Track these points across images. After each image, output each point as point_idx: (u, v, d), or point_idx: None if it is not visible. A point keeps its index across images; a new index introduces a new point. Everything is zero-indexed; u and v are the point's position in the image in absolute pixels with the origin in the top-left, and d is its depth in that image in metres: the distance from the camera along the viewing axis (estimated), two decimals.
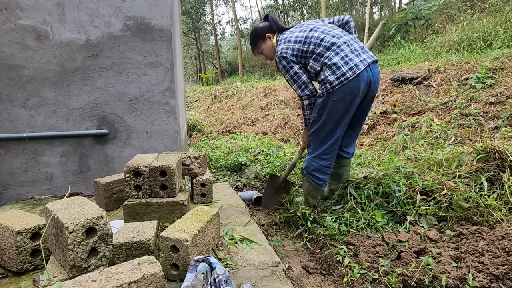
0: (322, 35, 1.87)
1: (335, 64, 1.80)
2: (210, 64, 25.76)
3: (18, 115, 2.25)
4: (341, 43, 1.83)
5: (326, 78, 1.82)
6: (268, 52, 2.13)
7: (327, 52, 1.84)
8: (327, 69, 1.82)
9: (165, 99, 2.44)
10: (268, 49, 2.12)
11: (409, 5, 10.48)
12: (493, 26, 6.28)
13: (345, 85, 1.79)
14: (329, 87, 1.82)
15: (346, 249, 1.64)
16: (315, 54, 1.87)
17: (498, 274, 1.24)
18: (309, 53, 1.90)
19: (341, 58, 1.81)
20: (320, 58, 1.86)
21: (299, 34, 1.93)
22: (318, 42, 1.87)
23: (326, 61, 1.83)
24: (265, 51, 2.14)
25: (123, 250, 1.12)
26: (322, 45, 1.86)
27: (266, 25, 2.09)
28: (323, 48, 1.86)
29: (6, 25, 2.16)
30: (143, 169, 1.53)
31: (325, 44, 1.86)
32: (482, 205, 1.70)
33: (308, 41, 1.90)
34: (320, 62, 1.86)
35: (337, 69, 1.80)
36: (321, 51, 1.86)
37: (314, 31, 1.91)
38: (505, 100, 3.64)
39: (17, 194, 2.30)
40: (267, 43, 2.11)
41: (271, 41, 2.09)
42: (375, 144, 3.93)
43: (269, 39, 2.10)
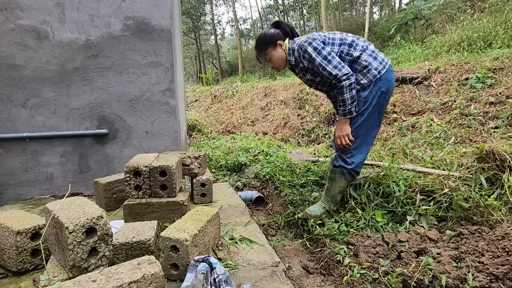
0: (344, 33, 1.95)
1: (373, 51, 1.85)
2: (210, 64, 25.76)
3: (18, 115, 2.25)
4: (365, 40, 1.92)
5: (370, 64, 1.81)
6: (277, 60, 2.00)
7: (360, 42, 1.88)
8: (368, 56, 1.83)
9: (165, 99, 2.44)
10: (279, 57, 1.99)
11: (409, 5, 10.48)
12: (493, 26, 6.28)
13: (388, 73, 1.83)
14: (376, 73, 1.80)
15: (346, 249, 1.64)
16: (349, 42, 1.87)
17: (498, 274, 1.24)
18: (337, 40, 1.87)
19: (374, 48, 1.89)
20: (356, 46, 1.86)
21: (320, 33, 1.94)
22: (345, 34, 1.93)
23: (365, 48, 1.85)
24: (274, 58, 2.00)
25: (123, 250, 1.12)
26: (350, 36, 1.91)
27: (278, 32, 1.99)
28: (354, 37, 1.90)
29: (6, 25, 2.16)
30: (143, 169, 1.52)
31: (353, 36, 1.91)
32: (482, 205, 1.70)
33: (333, 33, 1.93)
34: (357, 49, 1.85)
35: (377, 56, 1.85)
36: (353, 41, 1.88)
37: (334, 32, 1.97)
38: (505, 100, 3.64)
39: (17, 194, 2.30)
40: (278, 50, 1.98)
41: (282, 48, 1.97)
42: (375, 144, 3.93)
43: (280, 47, 1.98)
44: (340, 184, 1.98)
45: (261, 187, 2.94)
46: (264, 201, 2.67)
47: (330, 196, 2.02)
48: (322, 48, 1.81)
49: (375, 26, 14.85)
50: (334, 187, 2.00)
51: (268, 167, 3.11)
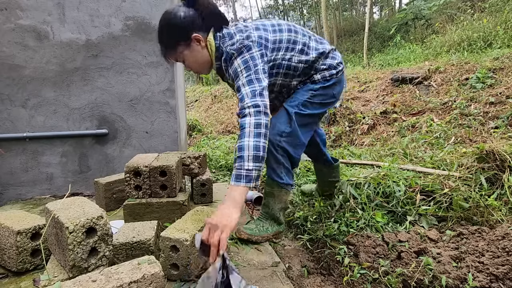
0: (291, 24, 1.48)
1: (329, 52, 1.51)
2: None
3: (18, 115, 2.25)
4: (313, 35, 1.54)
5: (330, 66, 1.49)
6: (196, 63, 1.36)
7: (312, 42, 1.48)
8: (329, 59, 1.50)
9: (165, 99, 2.44)
10: (197, 58, 1.33)
11: (409, 5, 10.49)
12: (493, 26, 6.28)
13: (341, 75, 1.53)
14: (334, 72, 1.49)
15: (346, 249, 1.64)
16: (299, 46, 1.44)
17: (498, 274, 1.24)
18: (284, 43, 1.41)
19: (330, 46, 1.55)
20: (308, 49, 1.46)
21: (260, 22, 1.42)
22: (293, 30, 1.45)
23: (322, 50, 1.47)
24: (189, 60, 1.34)
25: (123, 250, 1.12)
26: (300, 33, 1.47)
27: (191, 16, 1.25)
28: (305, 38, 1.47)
29: (6, 25, 2.16)
30: (143, 169, 1.53)
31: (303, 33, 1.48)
32: (482, 205, 1.70)
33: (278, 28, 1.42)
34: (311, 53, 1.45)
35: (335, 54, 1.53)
36: (305, 41, 1.46)
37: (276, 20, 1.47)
38: (505, 100, 3.64)
39: (17, 194, 2.30)
40: (193, 48, 1.30)
41: (200, 44, 1.29)
42: (375, 144, 3.93)
43: (195, 42, 1.28)
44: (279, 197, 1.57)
45: (261, 187, 2.94)
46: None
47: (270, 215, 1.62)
48: (254, 65, 1.23)
49: (375, 26, 14.85)
50: (273, 203, 1.58)
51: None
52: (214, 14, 1.28)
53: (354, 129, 4.77)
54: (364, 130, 4.60)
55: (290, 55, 1.41)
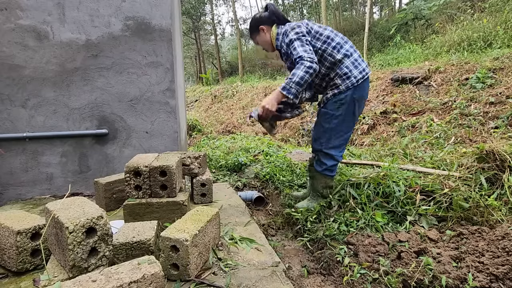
0: (334, 31, 1.96)
1: (356, 60, 1.90)
2: (210, 64, 25.75)
3: (18, 115, 2.25)
4: (351, 44, 1.96)
5: (350, 72, 1.87)
6: (263, 43, 2.08)
7: (346, 45, 1.91)
8: (350, 63, 1.88)
9: (165, 99, 2.44)
10: (263, 40, 2.06)
11: (409, 5, 10.49)
12: (493, 26, 6.28)
13: (365, 82, 1.90)
14: (354, 81, 1.87)
15: (346, 249, 1.64)
16: (335, 42, 1.88)
17: (498, 274, 1.24)
18: (324, 36, 1.89)
19: (359, 56, 1.94)
20: (340, 49, 1.88)
21: (309, 22, 1.97)
22: (334, 33, 1.93)
23: (348, 53, 1.88)
24: (260, 41, 2.09)
25: (123, 250, 1.12)
26: (339, 37, 1.93)
27: (264, 15, 2.02)
28: (341, 40, 1.91)
29: (6, 25, 2.16)
30: (143, 169, 1.53)
31: (342, 37, 1.93)
32: (482, 205, 1.70)
33: (323, 28, 1.94)
34: (341, 52, 1.88)
35: (359, 65, 1.89)
36: (340, 41, 1.90)
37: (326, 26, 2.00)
38: (505, 100, 3.64)
39: (17, 194, 2.30)
40: (261, 35, 2.04)
41: (265, 32, 2.01)
42: (375, 144, 3.93)
43: (262, 31, 2.02)
44: (321, 181, 2.10)
45: (261, 187, 2.94)
46: (264, 201, 2.67)
47: (315, 192, 2.15)
48: (303, 36, 1.83)
49: (375, 26, 14.85)
50: (317, 184, 2.12)
51: (268, 167, 3.11)
52: (278, 15, 2.01)
53: (354, 129, 4.77)
54: (364, 130, 4.60)
55: (325, 47, 1.89)
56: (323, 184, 2.13)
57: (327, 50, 1.88)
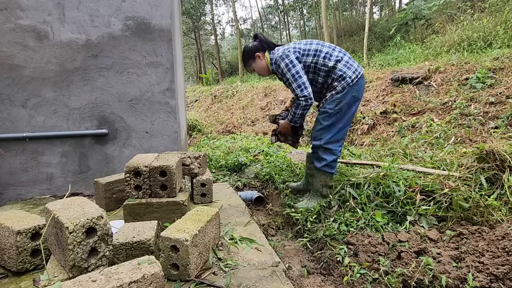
0: (321, 42, 2.13)
1: (347, 62, 2.04)
2: (210, 64, 25.75)
3: (18, 115, 2.25)
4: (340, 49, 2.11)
5: (345, 73, 2.01)
6: (259, 69, 2.25)
7: (335, 52, 2.06)
8: (343, 66, 2.02)
9: (165, 99, 2.44)
10: (260, 67, 2.23)
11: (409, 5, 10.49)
12: (493, 26, 6.28)
13: (360, 80, 2.03)
14: (349, 81, 2.00)
15: (346, 249, 1.64)
16: (323, 53, 2.05)
17: (498, 274, 1.24)
18: (312, 51, 2.06)
19: (349, 58, 2.08)
20: (330, 57, 2.04)
21: (299, 41, 2.16)
22: (321, 44, 2.10)
23: (339, 58, 2.03)
24: (256, 69, 2.25)
25: (123, 250, 1.12)
26: (326, 46, 2.08)
27: (255, 45, 2.21)
28: (329, 49, 2.07)
29: (6, 25, 2.16)
30: (143, 169, 1.53)
31: (329, 46, 2.09)
32: (482, 205, 1.70)
33: (309, 43, 2.11)
34: (332, 60, 2.03)
35: (351, 66, 2.04)
36: (328, 51, 2.06)
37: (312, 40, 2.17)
38: (505, 100, 3.64)
39: (17, 194, 2.30)
40: (258, 61, 2.22)
41: (261, 59, 2.20)
42: (375, 144, 3.93)
43: (258, 58, 2.21)
44: (320, 179, 2.16)
45: (261, 187, 2.94)
46: (264, 201, 2.67)
47: (315, 191, 2.19)
48: (293, 66, 2.01)
49: (375, 26, 14.85)
50: (316, 182, 2.18)
51: (268, 167, 3.11)
52: (267, 43, 2.21)
53: (354, 129, 4.77)
54: (364, 130, 4.60)
55: (316, 59, 2.06)
56: (323, 183, 2.15)
57: (319, 61, 2.05)
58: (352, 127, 4.86)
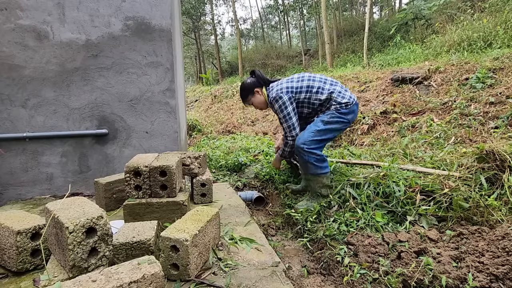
0: (312, 75, 2.26)
1: (340, 92, 2.16)
2: (210, 64, 25.75)
3: (18, 115, 2.25)
4: (331, 81, 2.23)
5: (339, 103, 2.13)
6: (258, 104, 2.41)
7: (326, 85, 2.19)
8: (336, 96, 2.14)
9: (165, 99, 2.44)
10: (259, 101, 2.39)
11: (409, 5, 10.49)
12: (493, 26, 6.28)
13: (354, 106, 2.16)
14: (344, 106, 2.13)
15: (346, 249, 1.64)
16: (315, 88, 2.18)
17: (498, 274, 1.24)
18: (304, 88, 2.19)
19: (341, 87, 2.20)
20: (322, 91, 2.17)
21: (291, 77, 2.29)
22: (312, 79, 2.22)
23: (332, 91, 2.15)
24: (255, 103, 2.41)
25: (123, 250, 1.12)
26: (317, 81, 2.21)
27: (253, 81, 2.36)
28: (320, 83, 2.19)
29: (6, 25, 2.16)
30: (143, 169, 1.53)
31: (320, 80, 2.22)
32: (482, 205, 1.70)
33: (301, 79, 2.23)
34: (324, 93, 2.16)
35: (344, 95, 2.15)
36: (319, 85, 2.18)
37: (303, 74, 2.28)
38: (505, 100, 3.64)
39: (17, 194, 2.30)
40: (256, 96, 2.38)
41: (259, 94, 2.36)
42: (375, 144, 3.93)
43: (257, 93, 2.36)
44: (316, 181, 2.17)
45: (261, 187, 2.94)
46: (264, 201, 2.67)
47: (314, 192, 2.22)
48: (285, 108, 2.18)
49: (375, 26, 14.85)
50: (313, 185, 2.21)
51: (268, 167, 3.11)
52: (263, 79, 2.37)
53: (354, 129, 4.77)
54: (364, 130, 4.60)
55: (309, 95, 2.20)
56: (320, 184, 2.16)
57: (312, 97, 2.18)
58: (352, 127, 4.85)
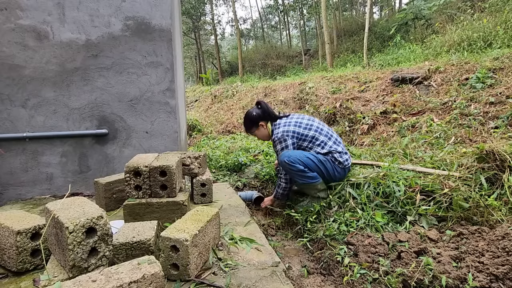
0: (320, 126, 2.26)
1: (340, 152, 2.18)
2: (210, 64, 25.75)
3: (18, 115, 2.25)
4: (336, 139, 2.26)
5: (334, 157, 2.15)
6: (261, 136, 2.42)
7: (330, 141, 2.21)
8: (335, 155, 2.15)
9: (165, 99, 2.44)
10: (262, 134, 2.39)
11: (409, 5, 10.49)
12: (493, 26, 6.28)
13: (345, 169, 2.20)
14: (338, 162, 2.15)
15: (346, 249, 1.64)
16: (319, 141, 2.19)
17: (498, 274, 1.24)
18: (309, 137, 2.20)
19: (342, 148, 2.22)
20: (324, 145, 2.18)
21: (300, 121, 2.25)
22: (319, 131, 2.22)
23: (332, 149, 2.17)
24: (258, 135, 2.42)
25: (123, 250, 1.12)
26: (323, 134, 2.22)
27: (258, 114, 2.34)
28: (325, 138, 2.21)
29: (6, 25, 2.16)
30: (143, 169, 1.53)
31: (327, 134, 2.23)
32: (482, 205, 1.70)
33: (309, 127, 2.23)
34: (326, 147, 2.17)
35: (342, 156, 2.17)
36: (324, 140, 2.20)
37: (312, 121, 2.28)
38: (505, 100, 3.64)
39: (17, 194, 2.30)
40: (260, 129, 2.37)
41: (264, 128, 2.36)
42: (375, 144, 3.93)
43: (262, 126, 2.35)
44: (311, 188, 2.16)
45: (261, 187, 2.94)
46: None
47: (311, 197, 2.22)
48: (286, 147, 2.18)
49: (375, 26, 14.84)
50: (309, 192, 2.21)
51: (268, 167, 3.11)
52: (269, 114, 2.35)
53: (354, 129, 4.77)
54: (364, 130, 4.60)
55: (311, 145, 2.22)
56: (315, 190, 2.16)
57: (313, 147, 2.20)
58: (352, 127, 4.85)
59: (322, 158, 2.14)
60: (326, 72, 9.39)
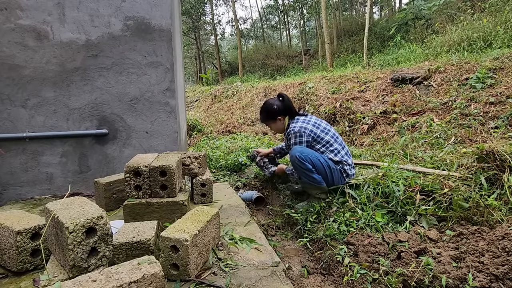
0: (336, 134, 2.26)
1: (350, 165, 2.19)
2: (210, 64, 25.76)
3: (18, 115, 2.25)
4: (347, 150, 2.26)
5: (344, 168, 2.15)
6: (276, 129, 2.41)
7: (343, 151, 2.21)
8: (346, 165, 2.16)
9: (165, 99, 2.44)
10: (277, 127, 2.38)
11: (409, 5, 10.49)
12: (493, 26, 6.28)
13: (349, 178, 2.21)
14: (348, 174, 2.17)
15: (346, 249, 1.64)
16: (333, 147, 2.18)
17: (498, 274, 1.24)
18: (324, 141, 2.18)
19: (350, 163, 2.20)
20: (338, 153, 2.18)
21: (319, 122, 2.25)
22: (335, 138, 2.22)
23: (344, 160, 2.16)
24: (273, 127, 2.40)
25: (123, 250, 1.12)
26: (338, 142, 2.22)
27: (279, 107, 2.29)
28: (339, 146, 2.21)
29: (6, 25, 2.16)
30: (143, 169, 1.53)
31: (340, 143, 2.24)
32: (482, 205, 1.69)
33: (326, 131, 2.22)
34: (338, 156, 2.16)
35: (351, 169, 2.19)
36: (337, 147, 2.19)
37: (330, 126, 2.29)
38: (505, 100, 3.63)
39: (17, 194, 2.30)
40: (277, 123, 2.35)
41: (281, 122, 2.34)
42: (375, 144, 3.93)
43: (279, 120, 2.33)
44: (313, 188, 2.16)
45: (261, 187, 2.94)
46: (264, 201, 2.67)
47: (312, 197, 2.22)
48: (300, 143, 2.17)
49: (375, 26, 14.84)
50: (311, 191, 2.21)
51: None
52: (290, 109, 2.31)
53: (354, 129, 4.77)
54: (364, 130, 4.60)
55: (324, 149, 2.19)
56: (318, 191, 2.16)
57: (326, 152, 2.18)
58: (352, 127, 4.86)
59: (333, 165, 2.12)
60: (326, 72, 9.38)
